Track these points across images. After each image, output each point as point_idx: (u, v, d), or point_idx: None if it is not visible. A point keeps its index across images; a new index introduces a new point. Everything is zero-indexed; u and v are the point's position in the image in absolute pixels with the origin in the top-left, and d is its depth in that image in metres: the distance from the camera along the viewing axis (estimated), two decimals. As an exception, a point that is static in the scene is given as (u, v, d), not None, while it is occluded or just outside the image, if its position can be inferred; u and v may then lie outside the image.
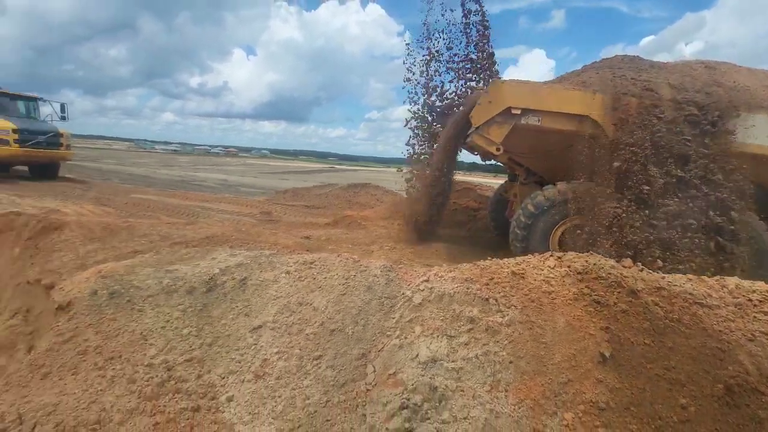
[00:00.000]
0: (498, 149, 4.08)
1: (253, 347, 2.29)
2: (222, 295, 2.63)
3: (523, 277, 2.18)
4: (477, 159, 5.99)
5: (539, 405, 1.69)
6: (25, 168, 12.89)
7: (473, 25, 6.70)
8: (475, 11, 6.69)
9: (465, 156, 6.18)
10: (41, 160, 12.00)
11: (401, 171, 6.93)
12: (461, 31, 6.71)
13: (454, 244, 5.24)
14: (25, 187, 10.06)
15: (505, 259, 2.44)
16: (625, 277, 2.16)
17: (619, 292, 2.09)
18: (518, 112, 3.94)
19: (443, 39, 6.78)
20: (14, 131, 10.99)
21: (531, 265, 2.28)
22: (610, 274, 2.17)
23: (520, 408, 1.68)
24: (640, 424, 1.66)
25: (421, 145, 6.63)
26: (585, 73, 4.71)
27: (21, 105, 13.07)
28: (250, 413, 1.89)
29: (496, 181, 8.57)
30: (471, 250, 5.20)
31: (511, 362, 1.85)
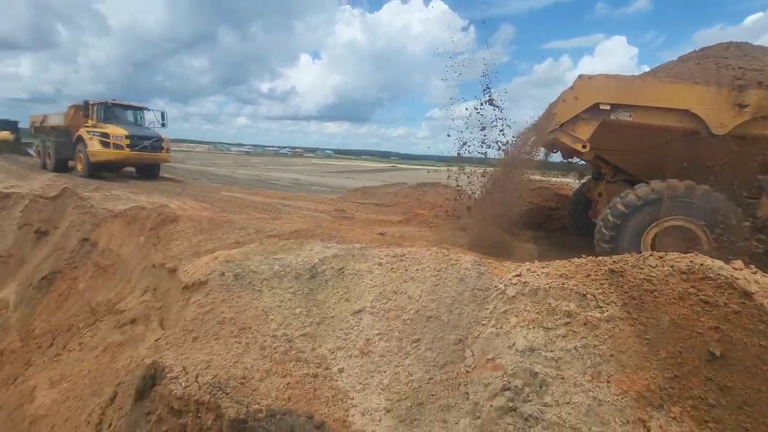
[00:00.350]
0: (584, 147, 3.97)
1: (355, 328, 2.55)
2: (324, 282, 2.94)
3: (622, 275, 2.19)
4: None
5: (644, 397, 1.72)
6: (133, 169, 14.83)
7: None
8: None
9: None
10: (147, 162, 13.71)
11: (461, 170, 6.86)
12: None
13: (530, 244, 5.18)
14: (135, 186, 11.59)
15: (600, 257, 2.45)
16: (737, 278, 2.08)
17: (729, 293, 2.02)
18: (607, 107, 3.81)
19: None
20: (126, 137, 12.69)
21: (630, 264, 2.27)
22: (719, 275, 2.10)
23: (623, 398, 1.72)
24: (755, 423, 1.62)
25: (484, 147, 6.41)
26: (682, 64, 4.40)
27: (130, 114, 15.04)
28: (360, 383, 2.14)
29: (566, 180, 8.22)
30: (548, 250, 5.10)
31: (612, 355, 1.89)
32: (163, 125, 14.88)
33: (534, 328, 2.06)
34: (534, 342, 1.99)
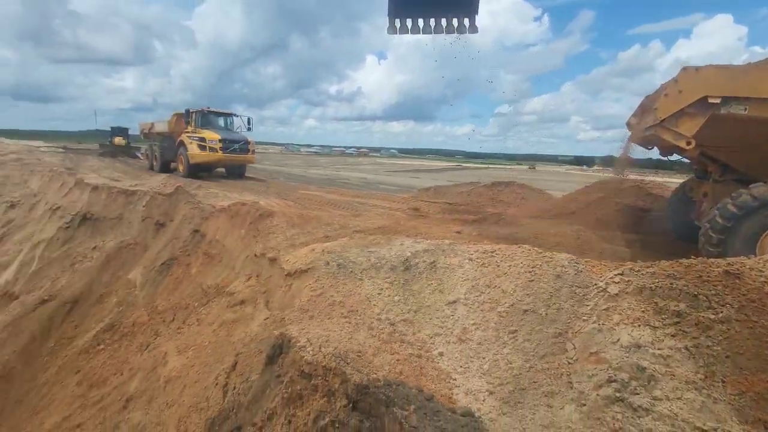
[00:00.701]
0: (688, 144, 3.73)
1: (451, 318, 2.73)
2: (418, 274, 3.17)
3: (738, 278, 2.11)
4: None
5: (765, 399, 1.68)
6: (223, 170, 16.44)
7: None
8: None
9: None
10: (236, 163, 15.16)
11: (533, 168, 6.62)
12: None
13: (622, 246, 4.94)
14: (226, 185, 12.89)
15: (713, 259, 2.36)
16: None
17: None
18: (717, 101, 3.55)
19: None
20: (220, 141, 14.13)
21: (747, 266, 2.17)
22: None
23: (741, 399, 1.70)
24: None
25: None
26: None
27: (222, 120, 16.71)
28: (461, 367, 2.32)
29: (659, 179, 7.61)
30: (641, 253, 4.84)
31: (727, 357, 1.86)
32: (249, 129, 16.33)
33: (639, 326, 2.08)
34: (640, 339, 2.01)
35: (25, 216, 11.38)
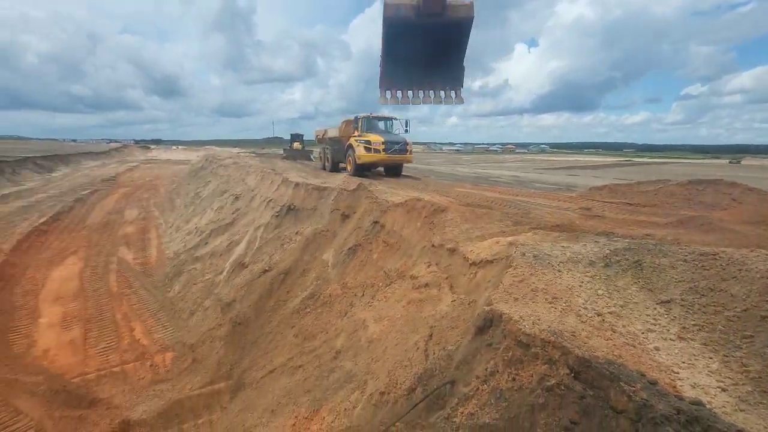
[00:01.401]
0: None
1: (665, 316, 2.73)
2: (621, 271, 3.21)
3: None
4: None
5: None
6: (381, 169, 18.22)
7: None
8: None
9: None
10: (395, 163, 16.68)
11: (736, 162, 5.37)
12: None
13: None
14: (388, 183, 14.32)
15: None
16: None
17: None
18: None
19: None
20: (383, 143, 15.78)
21: None
22: None
23: None
24: None
25: None
26: None
27: (383, 123, 18.52)
28: (684, 362, 2.35)
29: None
30: None
31: None
32: (406, 131, 17.70)
33: None
34: None
35: (247, 206, 14.95)
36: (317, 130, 24.96)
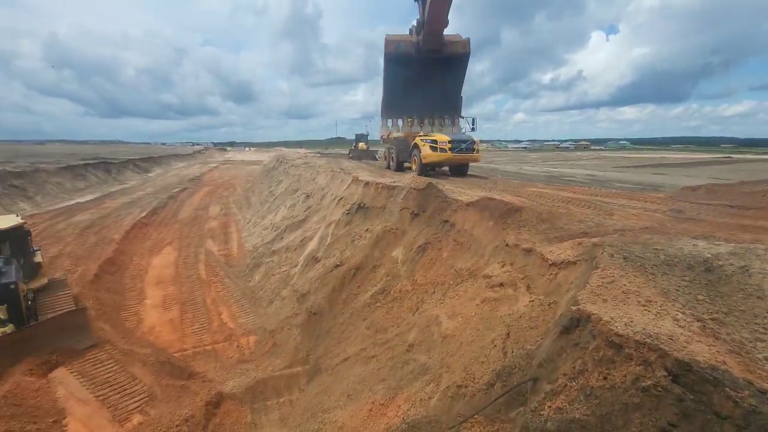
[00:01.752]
0: None
1: (778, 326, 2.56)
2: (725, 277, 3.04)
3: None
4: None
5: None
6: (446, 168, 18.12)
7: None
8: None
9: None
10: (461, 162, 16.54)
11: None
12: None
13: None
14: (454, 182, 14.29)
15: None
16: None
17: None
18: None
19: None
20: (449, 142, 15.73)
21: None
22: None
23: None
24: None
25: None
26: None
27: (448, 122, 18.47)
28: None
29: None
30: None
31: None
32: (473, 129, 17.47)
33: None
34: None
35: (318, 203, 15.83)
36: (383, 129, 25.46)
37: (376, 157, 33.33)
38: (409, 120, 7.45)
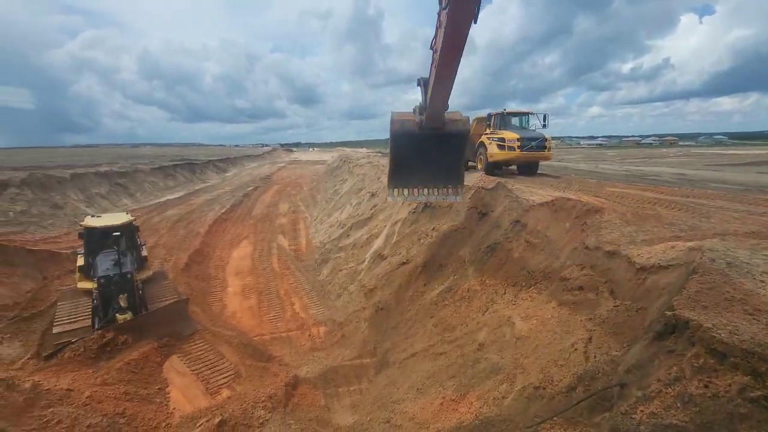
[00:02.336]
0: None
1: None
2: None
3: None
4: None
5: None
6: (513, 167, 17.47)
7: None
8: None
9: None
10: (531, 161, 15.89)
11: None
12: None
13: None
14: (524, 181, 13.80)
15: None
16: None
17: None
18: None
19: None
20: (518, 140, 15.17)
21: None
22: None
23: None
24: None
25: None
26: None
27: (518, 119, 17.79)
28: None
29: None
30: None
31: None
32: (544, 126, 16.63)
33: None
34: None
35: (384, 202, 16.24)
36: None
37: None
38: (415, 190, 8.37)
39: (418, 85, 7.75)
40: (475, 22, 5.17)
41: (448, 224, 10.55)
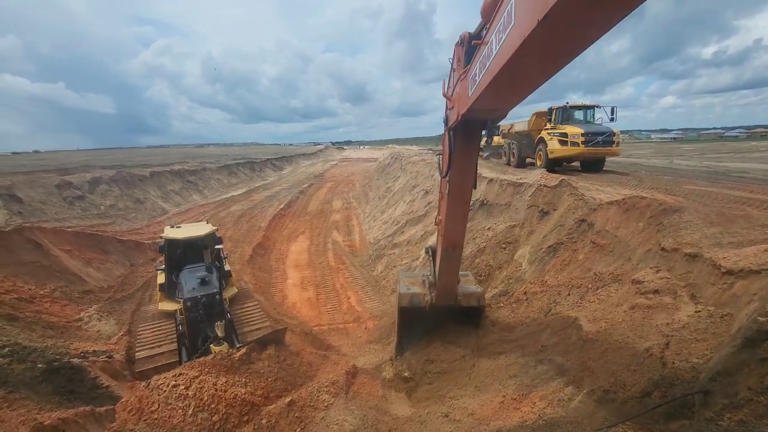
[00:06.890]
0: None
1: None
2: None
3: None
4: None
5: None
6: (576, 164, 16.55)
7: None
8: None
9: None
10: (596, 157, 14.99)
11: None
12: None
13: None
14: (589, 178, 13.01)
15: None
16: None
17: None
18: None
19: None
20: (582, 135, 14.37)
21: None
22: None
23: None
24: None
25: None
26: None
27: (582, 113, 16.83)
28: None
29: None
30: None
31: None
32: (612, 120, 15.57)
33: None
34: None
35: (438, 200, 16.26)
36: (502, 125, 24.36)
37: (481, 153, 32.10)
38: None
39: (427, 253, 7.39)
40: (475, 188, 5.65)
41: (506, 223, 10.35)
